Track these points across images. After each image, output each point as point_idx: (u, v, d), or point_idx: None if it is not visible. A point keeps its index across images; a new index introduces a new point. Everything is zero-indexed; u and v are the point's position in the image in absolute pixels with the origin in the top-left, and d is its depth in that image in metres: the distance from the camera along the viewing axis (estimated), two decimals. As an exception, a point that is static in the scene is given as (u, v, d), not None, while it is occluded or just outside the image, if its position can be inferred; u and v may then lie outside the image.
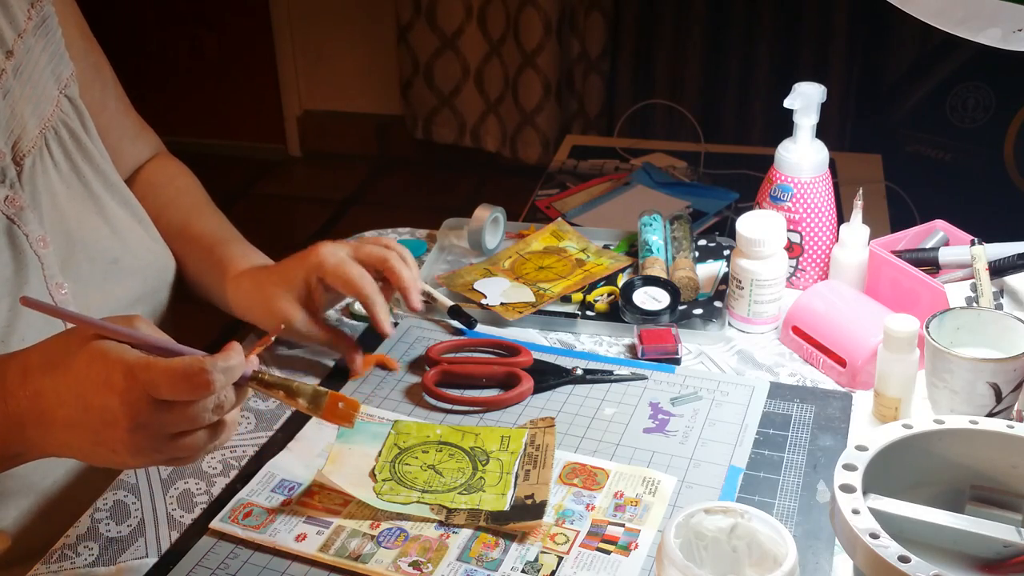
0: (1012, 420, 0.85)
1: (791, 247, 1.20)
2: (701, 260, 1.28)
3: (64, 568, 0.88)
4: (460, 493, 0.93)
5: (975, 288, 1.05)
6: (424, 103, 3.60)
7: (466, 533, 0.89)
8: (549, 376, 1.08)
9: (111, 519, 0.93)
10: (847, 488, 0.75)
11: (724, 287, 1.23)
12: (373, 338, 1.15)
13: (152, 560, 0.89)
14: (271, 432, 1.03)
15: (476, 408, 1.05)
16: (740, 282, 1.14)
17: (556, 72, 3.36)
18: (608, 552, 0.87)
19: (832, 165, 1.29)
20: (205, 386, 0.75)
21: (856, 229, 1.15)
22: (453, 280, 1.25)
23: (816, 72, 3.03)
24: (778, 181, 1.20)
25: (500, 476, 0.95)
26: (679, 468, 0.96)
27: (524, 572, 0.85)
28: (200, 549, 0.89)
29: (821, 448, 0.98)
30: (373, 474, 0.95)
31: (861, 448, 0.78)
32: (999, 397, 0.93)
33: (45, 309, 0.85)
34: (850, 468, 0.77)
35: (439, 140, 3.65)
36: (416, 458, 0.97)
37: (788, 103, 1.16)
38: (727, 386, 1.07)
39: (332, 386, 1.08)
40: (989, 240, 1.11)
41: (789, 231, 1.19)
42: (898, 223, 1.67)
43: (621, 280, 1.25)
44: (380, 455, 0.98)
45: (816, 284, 1.17)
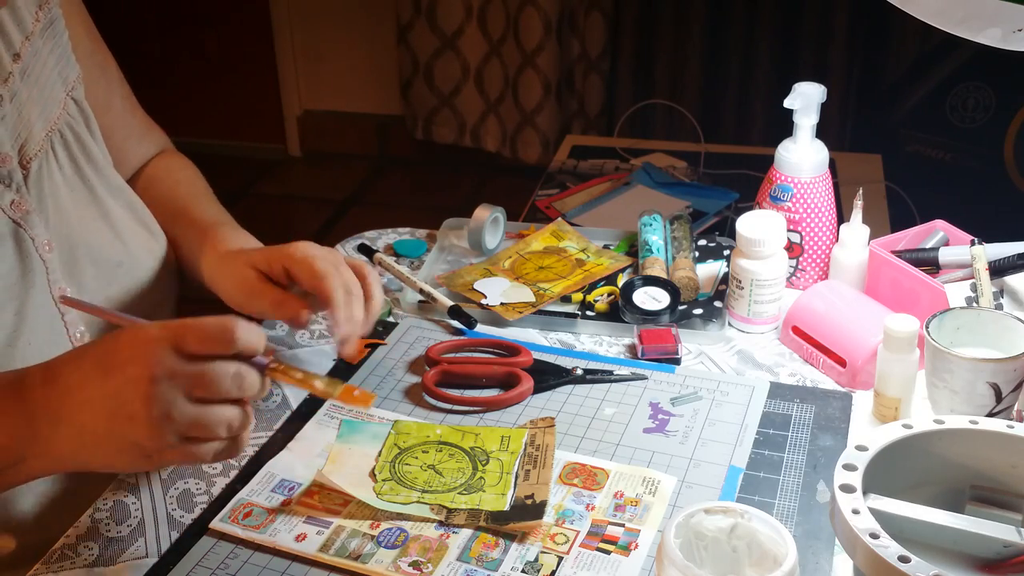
0: (1012, 420, 0.85)
1: (791, 247, 1.20)
2: (701, 260, 1.28)
3: (64, 568, 0.88)
4: (460, 493, 0.93)
5: (975, 288, 1.05)
6: (424, 103, 3.60)
7: (466, 533, 0.89)
8: (549, 376, 1.08)
9: (111, 519, 0.93)
10: (847, 488, 0.75)
11: (724, 287, 1.23)
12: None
13: (152, 560, 0.89)
14: (271, 432, 1.03)
15: (476, 408, 1.05)
16: (740, 282, 1.14)
17: (556, 72, 3.36)
18: (608, 552, 0.87)
19: (832, 165, 1.29)
20: (229, 336, 0.77)
21: (856, 229, 1.15)
22: (453, 280, 1.25)
23: (816, 72, 3.03)
24: (778, 181, 1.20)
25: (500, 476, 0.95)
26: (679, 468, 0.96)
27: (524, 572, 0.85)
28: (200, 549, 0.89)
29: (821, 448, 0.98)
30: (373, 474, 0.95)
31: (861, 448, 0.78)
32: (999, 397, 0.94)
33: (88, 308, 0.86)
34: (850, 468, 0.77)
35: (439, 140, 3.65)
36: (416, 458, 0.97)
37: (788, 103, 1.17)
38: (727, 386, 1.07)
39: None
40: (989, 240, 1.11)
41: (789, 231, 1.19)
42: (898, 223, 1.67)
43: (621, 280, 1.25)
44: (380, 455, 0.98)
45: (816, 284, 1.17)
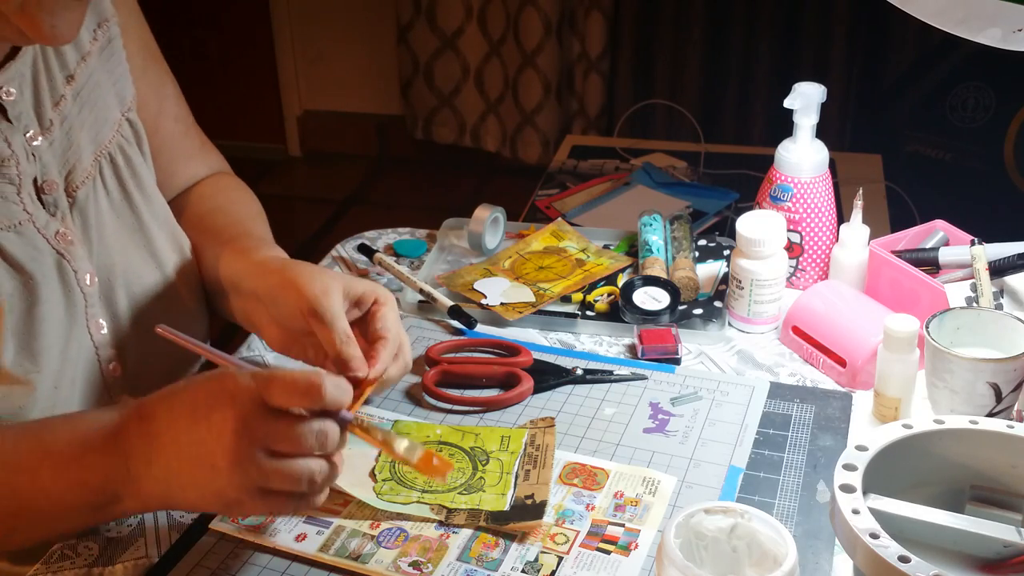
0: (1012, 420, 0.85)
1: (791, 247, 1.20)
2: (701, 260, 1.28)
3: (64, 568, 0.88)
4: (460, 493, 0.93)
5: (975, 288, 1.05)
6: (424, 103, 3.60)
7: (466, 533, 0.89)
8: (549, 376, 1.08)
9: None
10: (847, 488, 0.75)
11: (724, 287, 1.23)
12: None
13: (152, 560, 0.89)
14: (271, 432, 1.03)
15: (476, 408, 1.05)
16: (740, 282, 1.14)
17: (556, 72, 3.36)
18: (608, 552, 0.87)
19: (832, 165, 1.29)
20: (318, 393, 0.77)
21: (856, 229, 1.15)
22: (453, 280, 1.25)
23: (816, 72, 3.03)
24: (778, 181, 1.20)
25: (500, 476, 0.95)
26: (679, 468, 0.96)
27: (524, 572, 0.85)
28: (200, 549, 0.89)
29: (821, 448, 0.98)
30: (373, 474, 0.95)
31: (861, 448, 0.78)
32: (999, 397, 0.94)
33: (183, 342, 0.85)
34: (850, 468, 0.77)
35: (439, 140, 3.65)
36: (416, 458, 0.97)
37: (788, 103, 1.17)
38: (727, 386, 1.07)
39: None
40: (989, 240, 1.11)
41: (789, 231, 1.19)
42: (898, 223, 1.67)
43: (621, 280, 1.25)
44: (380, 455, 0.98)
45: (816, 284, 1.17)
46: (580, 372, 1.09)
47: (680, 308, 1.19)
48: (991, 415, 0.94)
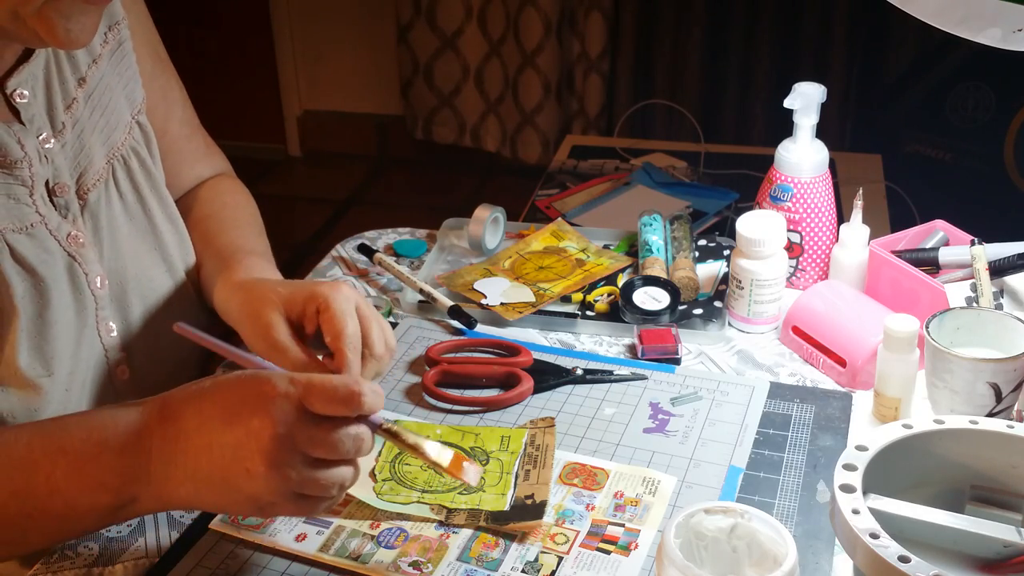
0: (1012, 420, 0.85)
1: (791, 247, 1.20)
2: (701, 260, 1.28)
3: (64, 568, 0.88)
4: (460, 493, 0.93)
5: (975, 288, 1.05)
6: (424, 103, 3.60)
7: (466, 533, 0.89)
8: (549, 376, 1.08)
9: (111, 519, 0.93)
10: (847, 488, 0.75)
11: (724, 287, 1.23)
12: None
13: (152, 560, 0.89)
14: (271, 432, 1.03)
15: (476, 408, 1.05)
16: (740, 282, 1.14)
17: (556, 72, 3.36)
18: (608, 552, 0.87)
19: (832, 165, 1.29)
20: (357, 401, 0.77)
21: (856, 229, 1.15)
22: (453, 280, 1.25)
23: (816, 72, 3.03)
24: (778, 181, 1.20)
25: (500, 476, 0.95)
26: (679, 468, 0.96)
27: (524, 572, 0.85)
28: (200, 549, 0.89)
29: (821, 448, 0.98)
30: (373, 474, 0.95)
31: (861, 448, 0.78)
32: (999, 397, 0.94)
33: (203, 341, 0.85)
34: (850, 468, 0.77)
35: (439, 140, 3.65)
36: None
37: (788, 103, 1.17)
38: (727, 386, 1.07)
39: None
40: (989, 240, 1.11)
41: (789, 231, 1.19)
42: (898, 223, 1.67)
43: (621, 280, 1.25)
44: (380, 455, 0.98)
45: (816, 284, 1.17)
46: (580, 372, 1.09)
47: (680, 308, 1.19)
48: (991, 415, 0.94)
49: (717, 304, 1.21)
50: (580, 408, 1.05)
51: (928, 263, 1.13)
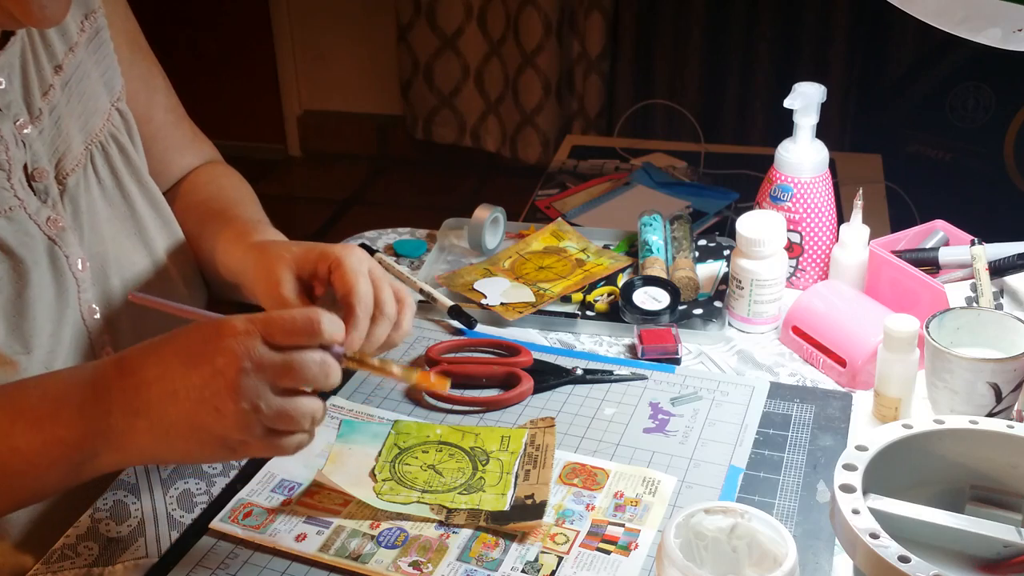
0: (1012, 420, 0.85)
1: (791, 247, 1.20)
2: (701, 260, 1.28)
3: (64, 568, 0.88)
4: (460, 493, 0.93)
5: (975, 288, 1.05)
6: (424, 103, 3.60)
7: (466, 533, 0.89)
8: (549, 376, 1.08)
9: (111, 519, 0.93)
10: (847, 488, 0.75)
11: (724, 287, 1.23)
12: None
13: (152, 560, 0.89)
14: (271, 432, 1.03)
15: (476, 408, 1.05)
16: (740, 282, 1.14)
17: (556, 72, 3.36)
18: (608, 552, 0.87)
19: (832, 165, 1.29)
20: (316, 328, 0.79)
21: (856, 229, 1.15)
22: (453, 280, 1.25)
23: (816, 72, 3.03)
24: (778, 181, 1.20)
25: (500, 476, 0.95)
26: (679, 468, 0.96)
27: (524, 572, 0.85)
28: (200, 549, 0.89)
29: (821, 448, 0.98)
30: (373, 474, 0.95)
31: (861, 448, 0.78)
32: (999, 397, 0.93)
33: (158, 304, 0.86)
34: (850, 468, 0.77)
35: (439, 140, 3.65)
36: (416, 458, 0.97)
37: (788, 103, 1.16)
38: (727, 386, 1.07)
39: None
40: (989, 240, 1.11)
41: (789, 231, 1.19)
42: (898, 223, 1.67)
43: (621, 280, 1.25)
44: (380, 455, 0.98)
45: (816, 284, 1.17)
46: (580, 372, 1.09)
47: (680, 308, 1.19)
48: (991, 415, 0.94)
49: (717, 304, 1.21)
50: (580, 408, 1.05)
51: (928, 263, 1.13)
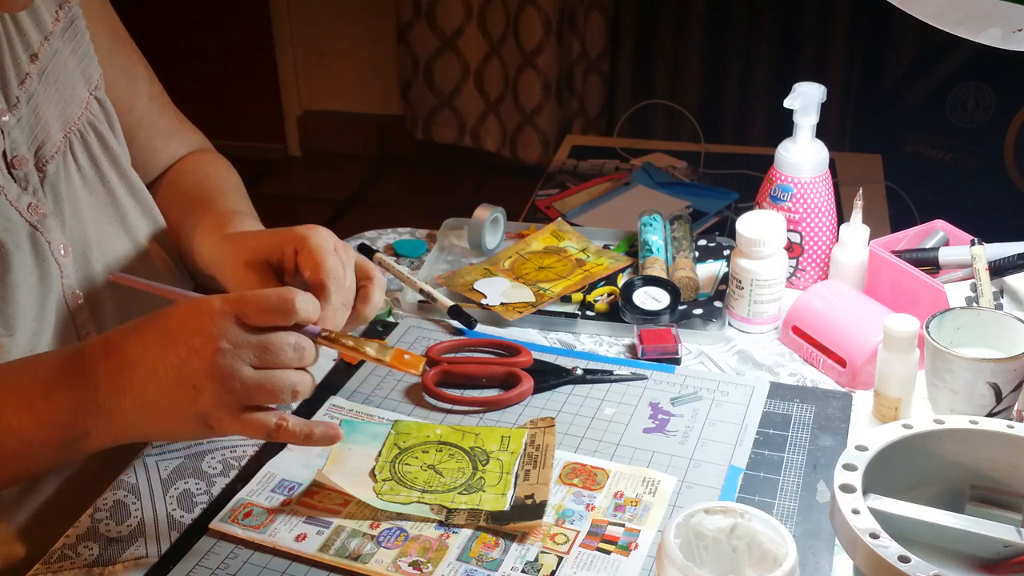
0: (1012, 420, 0.85)
1: (791, 247, 1.20)
2: (701, 260, 1.28)
3: (64, 568, 0.88)
4: (460, 493, 0.93)
5: (975, 288, 1.05)
6: (424, 103, 3.60)
7: (466, 533, 0.89)
8: (549, 376, 1.08)
9: (111, 519, 0.93)
10: (847, 488, 0.75)
11: (724, 287, 1.23)
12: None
13: (152, 560, 0.89)
14: (271, 432, 1.03)
15: (476, 408, 1.05)
16: (740, 282, 1.14)
17: (556, 72, 3.36)
18: (608, 552, 0.87)
19: (832, 165, 1.29)
20: (290, 307, 0.81)
21: (856, 229, 1.15)
22: (453, 280, 1.25)
23: (816, 72, 3.03)
24: (778, 181, 1.20)
25: (500, 476, 0.95)
26: (679, 468, 0.96)
27: (524, 572, 0.85)
28: (200, 549, 0.89)
29: (821, 448, 0.98)
30: (373, 474, 0.95)
31: (861, 448, 0.78)
32: (999, 397, 0.93)
33: (137, 284, 0.88)
34: (850, 468, 0.77)
35: (439, 140, 3.65)
36: (416, 458, 0.97)
37: (788, 103, 1.16)
38: (727, 386, 1.07)
39: (331, 387, 1.08)
40: (989, 240, 1.11)
41: (789, 231, 1.19)
42: (898, 223, 1.67)
43: (621, 280, 1.25)
44: (380, 455, 0.98)
45: (816, 284, 1.17)
46: (580, 372, 1.09)
47: (680, 308, 1.19)
48: (991, 415, 0.94)
49: (717, 304, 1.21)
50: (580, 408, 1.05)
51: (928, 263, 1.13)
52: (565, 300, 1.22)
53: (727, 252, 1.29)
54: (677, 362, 1.12)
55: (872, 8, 2.98)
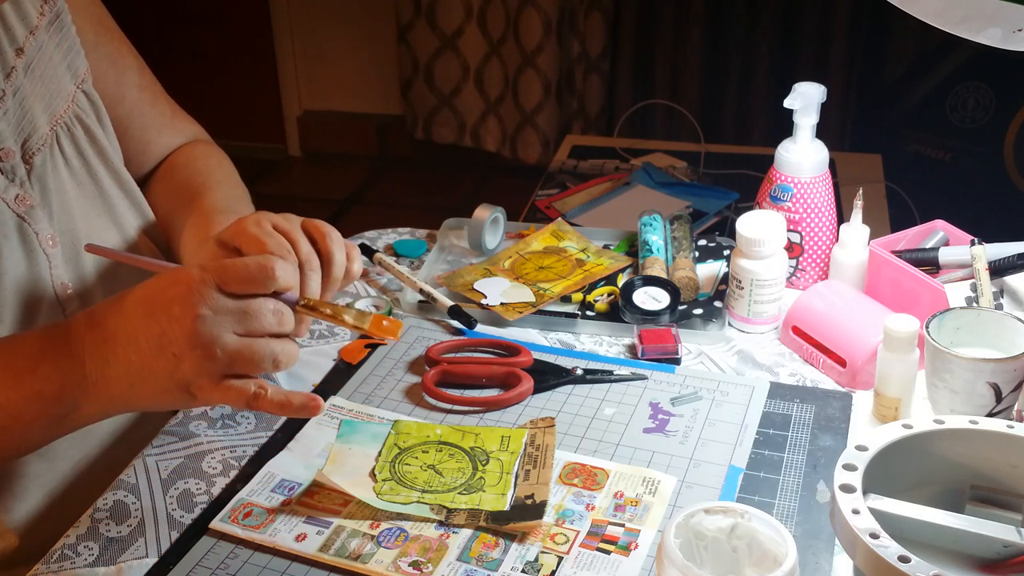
0: (1012, 420, 0.85)
1: (791, 247, 1.20)
2: (701, 260, 1.28)
3: (64, 568, 0.88)
4: (460, 493, 0.93)
5: (975, 288, 1.05)
6: (424, 103, 3.60)
7: (466, 533, 0.89)
8: (549, 376, 1.08)
9: (111, 519, 0.93)
10: (847, 488, 0.75)
11: (724, 287, 1.23)
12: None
13: (152, 560, 0.89)
14: (271, 432, 1.03)
15: (476, 408, 1.05)
16: (740, 282, 1.14)
17: (556, 72, 3.36)
18: (608, 552, 0.87)
19: (832, 165, 1.30)
20: (270, 274, 0.82)
21: (856, 229, 1.15)
22: (453, 280, 1.25)
23: (816, 72, 3.03)
24: (778, 181, 1.20)
25: (500, 476, 0.95)
26: (679, 468, 0.96)
27: (524, 572, 0.85)
28: (200, 549, 0.89)
29: (821, 448, 0.98)
30: (373, 474, 0.95)
31: (861, 448, 0.78)
32: (999, 397, 0.94)
33: (112, 255, 0.90)
34: (850, 468, 0.77)
35: (439, 140, 3.65)
36: (416, 458, 0.97)
37: (788, 103, 1.16)
38: (727, 386, 1.07)
39: (331, 387, 1.09)
40: (989, 240, 1.11)
41: (789, 231, 1.19)
42: (898, 223, 1.67)
43: (621, 280, 1.25)
44: (380, 455, 0.98)
45: (816, 284, 1.17)
46: (580, 372, 1.09)
47: (680, 308, 1.19)
48: (991, 415, 0.94)
49: (717, 304, 1.21)
50: (580, 408, 1.05)
51: (928, 263, 1.13)
52: (565, 300, 1.22)
53: (727, 252, 1.29)
54: (677, 362, 1.12)
55: (872, 8, 2.98)
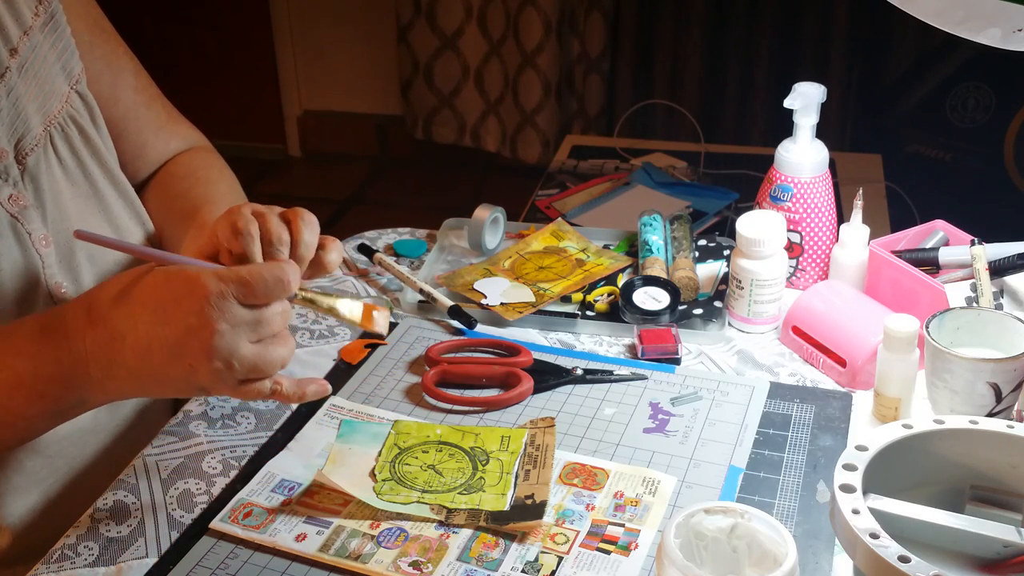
0: (1012, 420, 0.85)
1: (791, 247, 1.20)
2: (701, 260, 1.28)
3: (64, 568, 0.88)
4: (460, 493, 0.93)
5: (975, 288, 1.05)
6: (424, 103, 3.60)
7: (466, 533, 0.89)
8: (549, 376, 1.08)
9: (111, 519, 0.93)
10: (847, 488, 0.75)
11: (724, 287, 1.23)
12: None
13: (152, 560, 0.89)
14: (271, 432, 1.03)
15: (476, 408, 1.05)
16: (740, 282, 1.14)
17: (556, 72, 3.36)
18: (608, 552, 0.87)
19: (832, 165, 1.30)
20: (288, 286, 0.83)
21: (856, 229, 1.15)
22: (453, 280, 1.25)
23: (816, 72, 3.03)
24: (778, 181, 1.20)
25: (500, 476, 0.95)
26: (679, 468, 0.96)
27: (524, 572, 0.85)
28: (200, 549, 0.89)
29: (821, 448, 0.98)
30: (373, 474, 0.95)
31: (861, 448, 0.78)
32: (999, 397, 0.94)
33: (104, 242, 0.89)
34: (850, 468, 0.77)
35: (439, 140, 3.65)
36: (416, 458, 0.97)
37: (788, 103, 1.16)
38: (727, 386, 1.07)
39: (333, 383, 1.08)
40: (989, 240, 1.11)
41: (789, 231, 1.19)
42: (898, 223, 1.67)
43: (621, 280, 1.25)
44: (380, 455, 0.98)
45: (816, 284, 1.17)
46: (580, 372, 1.09)
47: (680, 308, 1.19)
48: (991, 415, 0.94)
49: (717, 304, 1.21)
50: (580, 408, 1.05)
51: (928, 263, 1.13)
52: (565, 300, 1.22)
53: (727, 252, 1.29)
54: (677, 362, 1.12)
55: (872, 8, 2.98)
